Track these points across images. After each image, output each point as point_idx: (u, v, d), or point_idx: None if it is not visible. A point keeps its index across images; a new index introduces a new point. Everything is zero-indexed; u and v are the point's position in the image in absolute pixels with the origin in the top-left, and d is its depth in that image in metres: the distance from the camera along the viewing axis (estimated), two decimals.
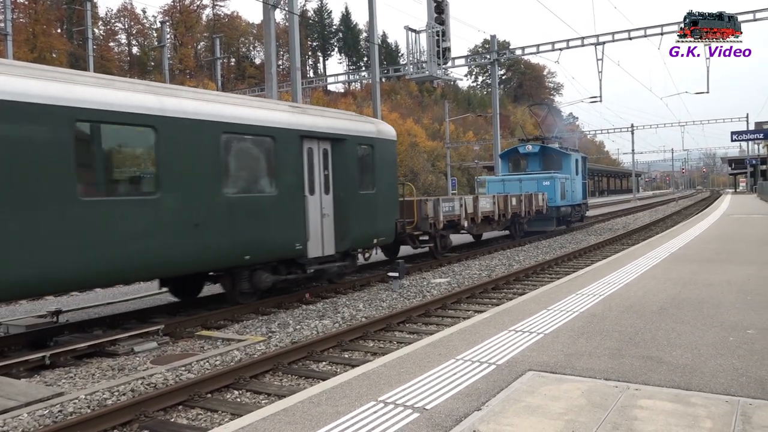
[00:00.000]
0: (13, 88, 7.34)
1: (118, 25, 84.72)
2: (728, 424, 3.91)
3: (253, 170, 10.84)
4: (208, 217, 9.60)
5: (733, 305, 7.51)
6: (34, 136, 7.51)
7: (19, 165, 7.34)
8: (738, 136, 53.83)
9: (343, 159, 12.46)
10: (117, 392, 6.52)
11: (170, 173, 9.06)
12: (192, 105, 9.58)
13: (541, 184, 25.08)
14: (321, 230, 11.98)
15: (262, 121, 10.68)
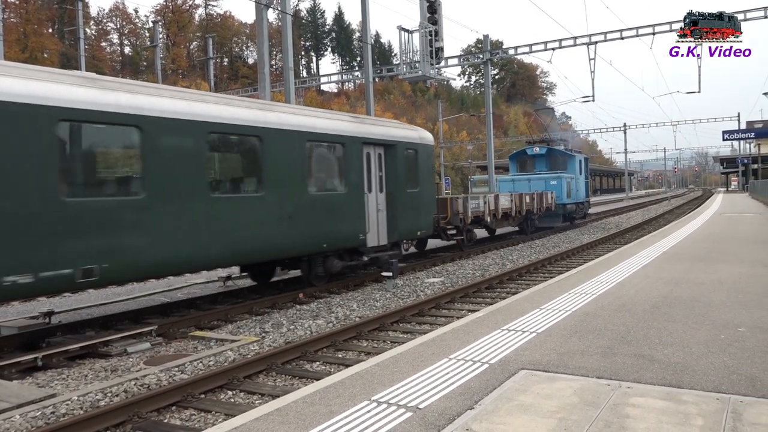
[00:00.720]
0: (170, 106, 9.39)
1: (110, 24, 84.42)
2: (719, 421, 3.94)
3: (328, 172, 12.91)
4: (298, 211, 11.46)
5: (724, 303, 7.56)
6: (190, 151, 9.56)
7: (176, 169, 9.31)
8: (729, 136, 54.17)
9: (394, 162, 14.28)
10: (110, 393, 6.50)
11: (271, 175, 11.00)
12: (286, 118, 11.53)
13: (548, 183, 26.88)
14: (377, 223, 13.83)
15: (335, 130, 12.67)
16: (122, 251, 8.49)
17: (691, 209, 38.24)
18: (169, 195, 9.18)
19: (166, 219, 9.09)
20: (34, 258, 7.52)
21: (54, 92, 7.89)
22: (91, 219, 8.21)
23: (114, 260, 8.36)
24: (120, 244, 8.47)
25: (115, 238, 8.42)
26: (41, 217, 7.62)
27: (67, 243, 7.88)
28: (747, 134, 56.35)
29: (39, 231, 7.58)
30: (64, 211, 7.89)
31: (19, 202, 7.45)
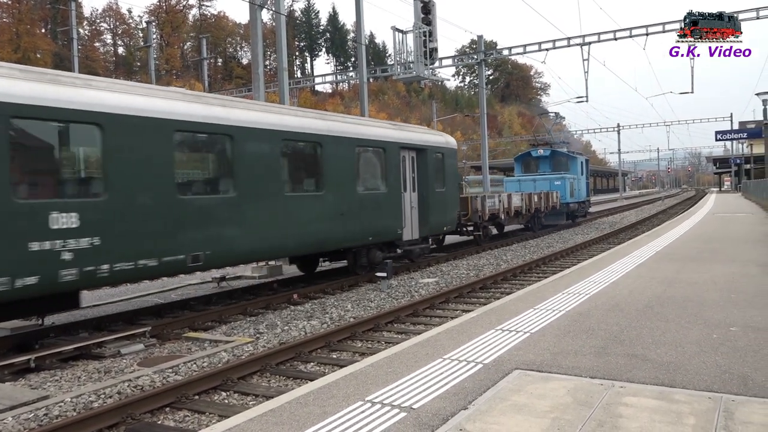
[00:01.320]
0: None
1: (104, 25, 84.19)
2: (711, 420, 3.96)
3: (372, 173, 14.33)
4: (350, 208, 12.99)
5: (716, 303, 7.60)
6: (269, 156, 11.09)
7: (259, 171, 10.81)
8: (722, 136, 54.38)
9: (425, 164, 15.83)
10: (103, 395, 6.48)
11: (329, 176, 12.53)
12: (340, 126, 13.22)
13: (553, 183, 28.47)
14: (411, 219, 15.36)
15: (378, 136, 14.32)
16: (221, 241, 10.02)
17: (685, 209, 38.40)
18: (254, 193, 10.72)
19: (252, 214, 10.64)
20: (159, 246, 9.02)
21: (172, 108, 9.41)
22: (197, 214, 9.72)
23: (215, 248, 9.90)
24: (219, 235, 10.00)
25: (215, 230, 9.95)
26: (163, 212, 9.14)
27: (181, 234, 9.40)
28: (739, 134, 56.58)
29: (162, 224, 9.10)
30: (179, 208, 9.42)
31: (148, 199, 8.93)
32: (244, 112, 10.81)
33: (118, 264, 8.45)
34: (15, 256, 7.34)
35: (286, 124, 11.60)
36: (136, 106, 8.84)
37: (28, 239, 7.46)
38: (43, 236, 7.59)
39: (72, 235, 7.88)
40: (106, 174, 8.43)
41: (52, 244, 7.68)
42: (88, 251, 8.06)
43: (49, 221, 7.64)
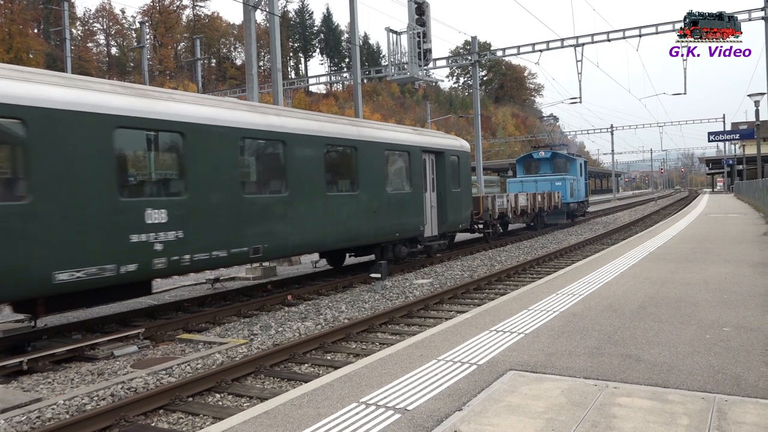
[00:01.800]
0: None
1: (97, 25, 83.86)
2: (704, 420, 3.98)
3: (399, 175, 15.61)
4: (379, 206, 14.32)
5: (709, 303, 7.63)
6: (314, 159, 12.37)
7: (306, 173, 12.10)
8: (715, 137, 54.58)
9: (443, 166, 17.18)
10: (96, 397, 6.45)
11: (363, 177, 13.87)
12: (372, 132, 14.57)
13: (554, 184, 29.80)
14: (431, 217, 16.72)
15: (404, 141, 15.71)
16: (276, 235, 11.32)
17: (678, 210, 38.56)
18: (303, 193, 12.02)
19: (301, 212, 11.94)
20: (228, 239, 10.29)
21: (237, 117, 10.73)
22: (258, 211, 11.00)
23: (271, 242, 11.20)
24: (274, 230, 11.30)
25: (271, 225, 11.25)
26: (232, 209, 10.40)
27: (245, 229, 10.66)
28: (732, 135, 56.82)
29: (231, 220, 10.38)
30: (243, 206, 10.67)
31: (220, 198, 10.22)
32: (294, 120, 12.25)
33: (197, 255, 9.76)
34: (120, 247, 8.59)
35: (327, 130, 12.99)
36: (210, 116, 10.18)
37: (130, 232, 8.72)
38: (141, 230, 8.87)
39: (162, 228, 9.19)
40: (187, 176, 9.69)
41: (147, 236, 8.98)
42: (174, 243, 9.34)
43: (145, 217, 8.94)
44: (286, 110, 12.96)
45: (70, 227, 8.07)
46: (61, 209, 7.95)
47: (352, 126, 14.10)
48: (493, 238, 22.47)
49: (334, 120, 13.98)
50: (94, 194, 8.31)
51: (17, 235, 7.48)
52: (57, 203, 7.90)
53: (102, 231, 8.39)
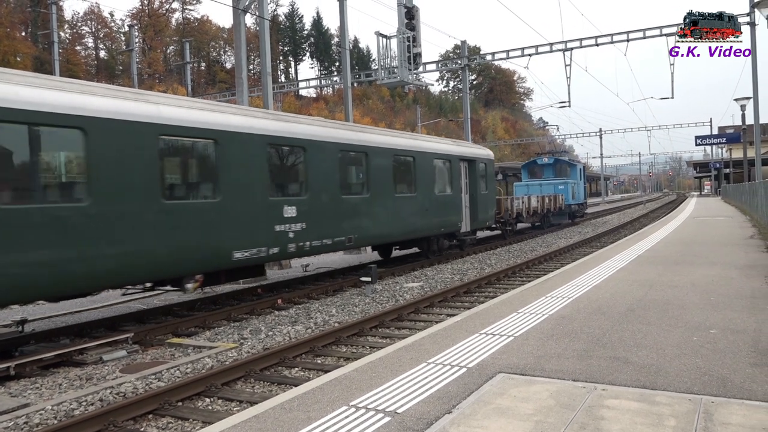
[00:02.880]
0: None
1: (85, 28, 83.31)
2: (691, 422, 4.02)
3: (443, 179, 18.25)
4: (430, 206, 17.10)
5: (697, 306, 7.70)
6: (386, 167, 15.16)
7: (380, 178, 14.87)
8: (702, 141, 55.11)
9: (474, 172, 20.06)
10: (85, 402, 6.41)
11: (419, 181, 16.68)
12: (425, 144, 17.72)
13: (557, 187, 32.65)
14: (465, 215, 19.46)
15: (446, 151, 18.67)
16: (361, 228, 14.14)
17: (666, 213, 38.85)
18: (379, 194, 14.84)
19: (378, 210, 14.78)
20: (332, 230, 13.07)
21: (338, 135, 13.65)
22: (350, 209, 13.80)
23: (359, 233, 14.03)
24: (360, 224, 14.10)
25: (358, 220, 14.05)
26: (335, 206, 13.25)
27: (342, 222, 13.41)
28: (719, 139, 57.34)
29: (334, 215, 13.19)
30: (342, 204, 13.49)
31: (327, 198, 12.99)
32: (373, 135, 15.36)
33: (314, 241, 12.48)
34: (270, 234, 11.34)
35: (394, 143, 15.99)
36: (321, 134, 13.12)
37: (274, 223, 11.44)
38: (281, 221, 11.60)
39: (293, 221, 11.90)
40: (308, 180, 12.52)
41: (285, 227, 11.69)
42: (300, 232, 12.07)
43: (283, 212, 11.69)
44: (367, 128, 16.83)
45: (242, 220, 10.73)
46: (238, 206, 10.64)
47: (411, 140, 17.40)
48: (510, 236, 25.25)
49: (399, 135, 17.60)
50: (256, 194, 11.12)
51: (213, 224, 10.14)
52: (236, 201, 10.61)
53: (260, 223, 11.16)
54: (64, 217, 7.98)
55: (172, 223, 9.41)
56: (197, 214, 9.92)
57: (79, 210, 8.17)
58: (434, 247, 18.18)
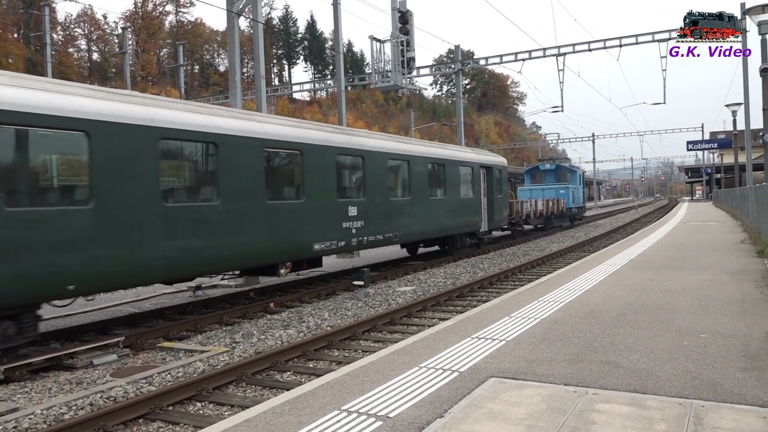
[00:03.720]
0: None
1: (78, 30, 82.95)
2: (681, 426, 4.03)
3: (466, 184, 20.51)
4: (457, 207, 19.42)
5: (688, 310, 7.74)
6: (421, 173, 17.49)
7: (417, 182, 17.14)
8: (694, 146, 55.42)
9: (491, 177, 22.40)
10: (75, 406, 6.37)
11: (448, 185, 19.00)
12: (452, 153, 20.10)
13: (558, 192, 35.06)
14: (483, 216, 21.70)
15: (470, 159, 21.19)
16: (405, 226, 16.39)
17: (658, 218, 39.02)
18: (418, 197, 17.11)
19: (417, 210, 17.02)
20: (383, 227, 15.30)
21: (385, 145, 16.06)
22: (396, 209, 16.11)
23: (403, 231, 16.25)
24: (404, 223, 16.33)
25: (402, 219, 16.27)
26: (385, 207, 15.46)
27: (390, 221, 15.67)
28: (710, 145, 57.74)
29: (384, 214, 15.38)
30: (390, 205, 15.85)
31: (379, 199, 15.21)
32: (413, 146, 17.82)
33: (369, 237, 14.70)
34: (339, 230, 13.54)
35: (430, 152, 18.46)
36: (376, 145, 15.40)
37: (342, 221, 13.67)
38: (346, 219, 13.85)
39: (355, 219, 14.13)
40: (365, 184, 14.76)
41: (349, 224, 13.93)
42: (360, 228, 14.28)
43: (348, 211, 13.91)
44: (409, 139, 20.33)
45: (319, 218, 12.87)
46: (317, 206, 12.82)
47: (442, 149, 20.04)
48: (519, 236, 27.72)
49: (433, 145, 20.31)
50: (329, 196, 13.32)
51: (299, 221, 12.28)
52: (316, 202, 12.82)
53: (332, 220, 13.34)
54: (204, 213, 10.14)
55: (272, 219, 11.58)
56: (289, 213, 12.14)
57: (212, 208, 10.24)
58: (458, 245, 20.46)
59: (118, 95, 9.21)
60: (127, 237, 8.74)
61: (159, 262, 9.24)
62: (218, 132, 10.33)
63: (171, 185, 10.10)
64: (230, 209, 10.49)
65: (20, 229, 7.48)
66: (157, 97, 10.73)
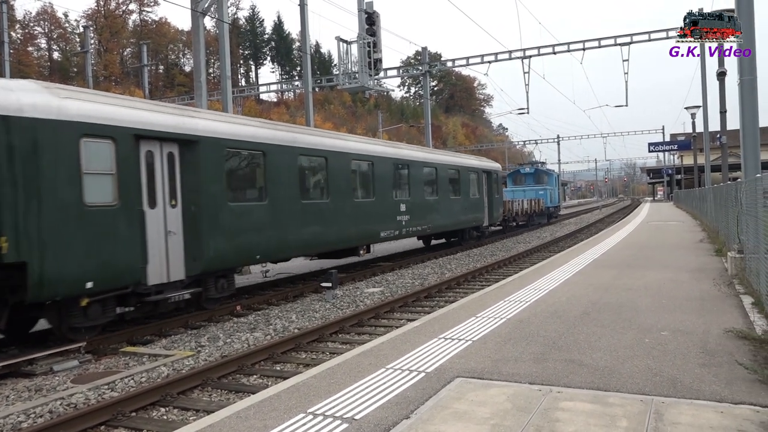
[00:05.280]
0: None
1: (38, 29, 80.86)
2: (642, 422, 4.11)
3: (474, 186, 24.51)
4: (468, 206, 23.65)
5: (649, 308, 7.90)
6: (451, 178, 22.46)
7: (447, 186, 21.83)
8: (655, 148, 56.65)
9: (490, 180, 26.39)
10: (33, 414, 6.20)
11: (462, 187, 23.01)
12: (463, 161, 24.60)
13: (538, 193, 39.50)
14: (485, 213, 25.76)
15: (475, 165, 25.40)
16: (434, 220, 20.48)
17: (621, 218, 39.80)
18: (442, 197, 21.32)
19: (442, 207, 21.18)
20: (419, 221, 19.18)
21: (421, 156, 20.52)
22: (429, 206, 20.12)
23: (432, 224, 20.39)
24: (433, 217, 20.43)
25: (433, 214, 20.39)
26: (422, 204, 19.46)
27: (427, 215, 19.81)
28: (670, 146, 59.12)
29: (421, 210, 19.35)
30: (425, 203, 19.82)
31: (419, 198, 19.34)
32: (440, 156, 22.48)
33: (412, 228, 18.83)
34: (395, 221, 17.74)
35: (451, 160, 22.94)
36: (416, 156, 19.94)
37: (396, 215, 17.87)
38: (399, 214, 18.03)
39: (404, 214, 18.32)
40: (410, 186, 19.01)
41: (401, 217, 18.11)
42: (407, 221, 18.42)
43: (399, 208, 18.06)
44: (437, 150, 25.67)
45: (383, 212, 17.27)
46: (381, 203, 17.14)
47: (457, 157, 24.92)
48: (509, 230, 32.43)
49: (452, 155, 25.34)
50: (389, 196, 17.68)
51: (371, 214, 16.63)
52: (381, 200, 17.11)
53: (390, 214, 17.68)
54: (320, 209, 14.35)
55: (357, 214, 15.91)
56: (365, 208, 16.40)
57: (325, 204, 14.54)
58: (467, 236, 24.54)
59: (277, 127, 13.77)
60: (284, 224, 12.88)
61: (299, 242, 13.45)
62: (328, 149, 14.88)
63: (305, 188, 14.06)
64: (334, 206, 14.84)
65: (235, 217, 11.42)
66: (299, 126, 17.34)
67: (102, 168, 8.90)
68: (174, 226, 10.17)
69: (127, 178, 9.21)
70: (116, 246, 8.93)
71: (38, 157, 7.99)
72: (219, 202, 10.97)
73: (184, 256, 10.31)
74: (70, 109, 8.45)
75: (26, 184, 7.86)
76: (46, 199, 8.04)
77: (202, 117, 11.23)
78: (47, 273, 8.03)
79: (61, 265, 8.18)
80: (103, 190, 8.89)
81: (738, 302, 8.12)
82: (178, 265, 10.25)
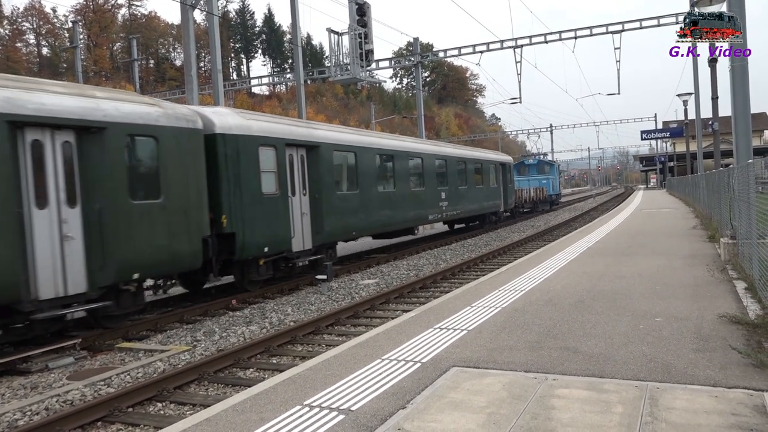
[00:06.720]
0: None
1: (26, 24, 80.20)
2: (637, 407, 4.14)
3: (492, 177, 28.15)
4: (488, 194, 27.54)
5: (643, 295, 7.94)
6: (469, 169, 25.64)
7: (470, 177, 25.82)
8: (647, 135, 56.82)
9: (503, 171, 29.77)
10: (30, 412, 6.19)
11: (483, 178, 27.10)
12: (485, 155, 29.13)
13: (541, 182, 43.85)
14: (501, 200, 29.16)
15: (493, 158, 29.21)
16: (463, 207, 24.05)
17: (614, 206, 39.94)
18: (470, 186, 24.94)
19: (470, 195, 24.85)
20: (455, 206, 23.17)
21: (459, 153, 25.67)
22: (461, 194, 23.87)
23: (461, 210, 23.92)
24: (464, 204, 24.16)
25: (464, 201, 24.15)
26: (457, 192, 23.50)
27: (459, 202, 23.65)
28: (663, 134, 59.25)
29: (456, 197, 23.35)
30: (459, 191, 23.72)
31: (455, 188, 23.41)
32: (465, 151, 26.64)
33: (449, 212, 22.48)
34: (437, 207, 21.49)
35: (476, 155, 27.12)
36: (454, 153, 24.20)
37: (438, 201, 21.61)
38: (440, 200, 21.75)
39: (443, 200, 21.97)
40: (447, 177, 22.57)
41: (441, 203, 21.81)
42: (446, 206, 22.10)
43: (440, 195, 21.78)
44: (465, 147, 30.00)
45: (429, 199, 20.82)
46: (429, 192, 20.83)
47: (479, 152, 28.65)
48: (518, 215, 36.18)
49: (477, 150, 29.33)
50: (434, 186, 21.35)
51: (421, 201, 20.21)
52: (428, 190, 20.80)
53: (434, 200, 21.23)
54: (389, 196, 18.01)
55: (413, 200, 19.56)
56: (418, 196, 20.01)
57: (393, 193, 18.23)
58: (487, 221, 28.09)
59: (363, 133, 18.66)
60: (369, 208, 16.63)
61: (378, 222, 17.25)
62: (394, 149, 18.75)
63: (380, 180, 17.76)
64: (398, 194, 18.58)
65: (341, 202, 15.13)
66: (377, 132, 24.58)
67: (270, 167, 12.50)
68: (306, 209, 13.81)
69: (282, 175, 12.84)
70: (279, 223, 12.58)
71: (239, 161, 11.63)
72: (331, 191, 14.67)
73: (312, 231, 13.95)
74: (253, 127, 12.17)
75: (234, 180, 11.50)
76: (244, 190, 11.65)
77: (320, 128, 15.27)
78: (247, 240, 11.64)
79: (254, 234, 11.80)
80: (270, 183, 12.52)
81: (731, 288, 8.17)
82: (308, 238, 13.89)
